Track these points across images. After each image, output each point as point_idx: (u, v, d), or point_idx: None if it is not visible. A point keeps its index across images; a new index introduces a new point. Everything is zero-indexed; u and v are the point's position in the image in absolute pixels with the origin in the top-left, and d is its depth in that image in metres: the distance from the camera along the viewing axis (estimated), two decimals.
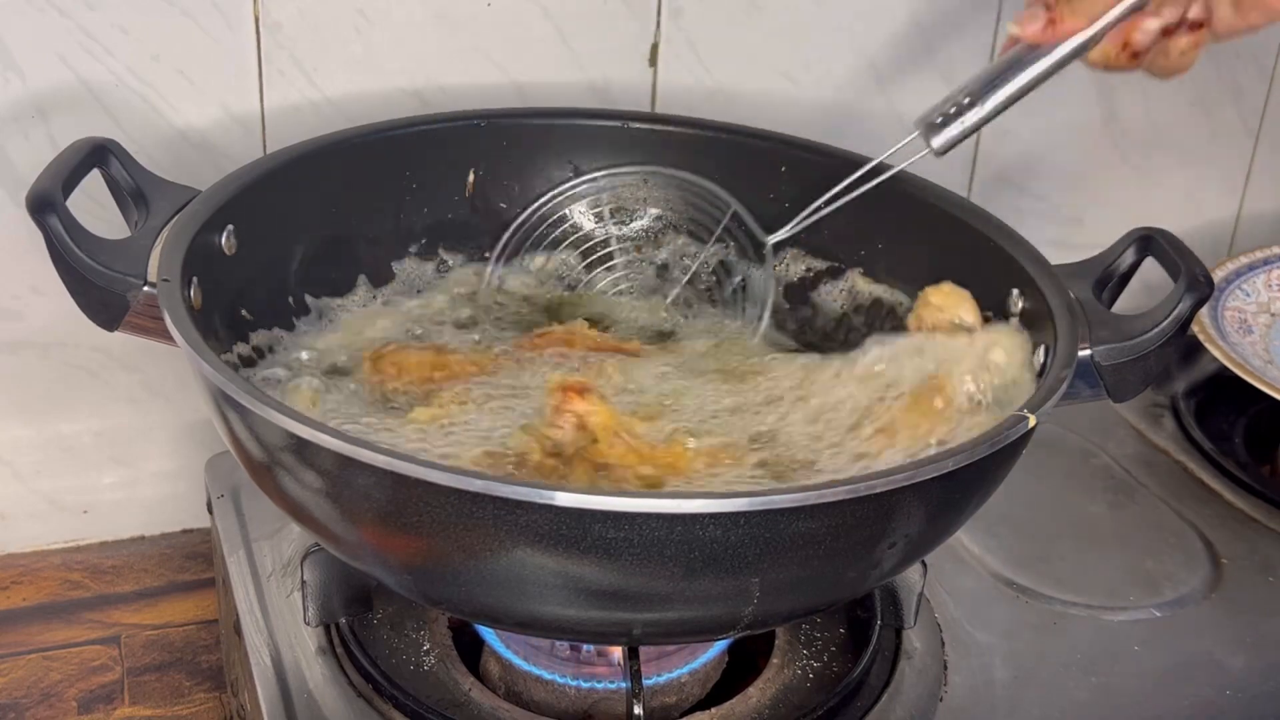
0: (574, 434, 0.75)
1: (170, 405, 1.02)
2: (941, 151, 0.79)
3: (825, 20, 1.06)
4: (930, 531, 0.70)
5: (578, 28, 1.01)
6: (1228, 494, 1.01)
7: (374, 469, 0.61)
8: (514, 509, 0.60)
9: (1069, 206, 1.21)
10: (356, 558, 0.70)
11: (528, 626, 0.71)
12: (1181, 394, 1.11)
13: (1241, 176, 1.28)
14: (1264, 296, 1.15)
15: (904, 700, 0.80)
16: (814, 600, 0.70)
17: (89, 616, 0.98)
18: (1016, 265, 0.81)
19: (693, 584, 0.63)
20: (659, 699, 0.79)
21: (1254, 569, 0.94)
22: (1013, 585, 0.90)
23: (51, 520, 1.03)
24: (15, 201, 0.91)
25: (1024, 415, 0.67)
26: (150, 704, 0.93)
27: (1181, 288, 0.75)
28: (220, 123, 0.95)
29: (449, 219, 0.94)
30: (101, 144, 0.78)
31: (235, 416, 0.67)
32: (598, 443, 0.75)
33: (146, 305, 0.72)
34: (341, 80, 0.97)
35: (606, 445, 0.75)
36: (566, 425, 0.75)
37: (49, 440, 1.00)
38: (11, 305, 0.96)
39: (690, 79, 1.05)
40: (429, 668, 0.79)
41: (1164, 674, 0.84)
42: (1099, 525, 0.97)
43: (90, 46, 0.90)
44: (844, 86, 1.09)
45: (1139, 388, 0.76)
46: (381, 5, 0.96)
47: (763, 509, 0.61)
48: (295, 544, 0.88)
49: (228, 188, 0.80)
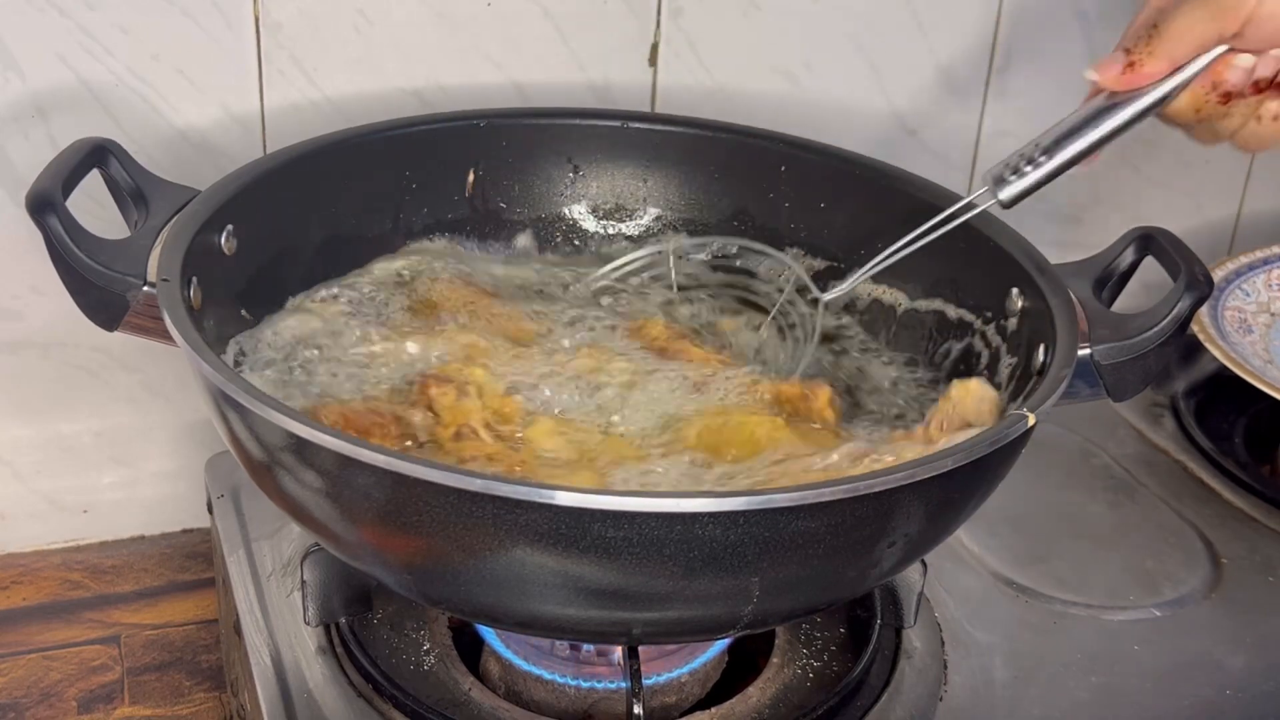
0: (422, 415, 0.76)
1: (170, 405, 1.02)
2: (1009, 204, 0.77)
3: (825, 20, 1.06)
4: (930, 531, 0.70)
5: (578, 28, 1.01)
6: (1228, 494, 1.01)
7: (374, 468, 0.61)
8: (514, 508, 0.60)
9: (1069, 206, 1.21)
10: (356, 557, 0.70)
11: (527, 626, 0.71)
12: (1181, 394, 1.11)
13: (1241, 176, 1.28)
14: (1264, 296, 1.15)
15: (904, 700, 0.80)
16: (814, 599, 0.70)
17: (89, 616, 0.98)
18: (1016, 264, 0.81)
19: (692, 583, 0.63)
20: (659, 699, 0.79)
21: (1254, 569, 0.94)
22: (1013, 585, 0.90)
23: (51, 520, 1.03)
24: (15, 201, 0.91)
25: (1024, 414, 0.67)
26: (150, 704, 0.93)
27: (1181, 287, 0.75)
28: (220, 123, 0.95)
29: (449, 219, 0.94)
30: (101, 144, 0.78)
31: (235, 416, 0.67)
32: (447, 428, 0.76)
33: (146, 305, 0.72)
34: (341, 80, 0.97)
35: (453, 433, 0.76)
36: (418, 407, 0.77)
37: (49, 440, 1.00)
38: (11, 305, 0.96)
39: (690, 79, 1.05)
40: (429, 667, 0.79)
41: (1164, 674, 0.84)
42: (1099, 525, 0.97)
43: (90, 46, 0.90)
44: (844, 86, 1.09)
45: (1138, 387, 0.76)
46: (381, 5, 0.96)
47: (762, 508, 0.61)
48: (295, 544, 0.88)
49: (228, 188, 0.80)
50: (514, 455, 0.75)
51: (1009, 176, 0.77)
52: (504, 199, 0.95)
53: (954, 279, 0.86)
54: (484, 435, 0.75)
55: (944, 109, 1.12)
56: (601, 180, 0.96)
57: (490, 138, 0.93)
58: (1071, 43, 1.13)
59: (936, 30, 1.09)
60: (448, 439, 0.76)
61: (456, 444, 0.75)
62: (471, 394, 0.78)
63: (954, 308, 0.86)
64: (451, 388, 0.78)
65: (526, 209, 0.96)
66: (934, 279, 0.88)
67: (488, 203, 0.95)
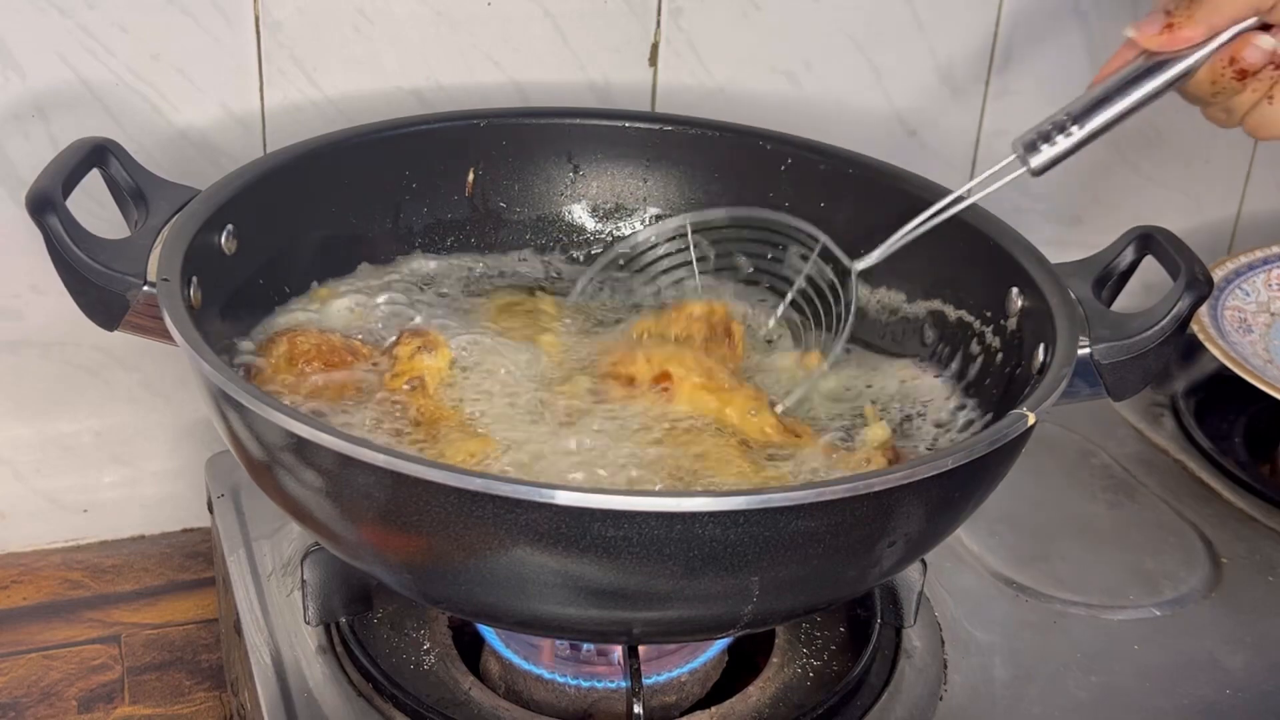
0: (388, 360, 0.80)
1: (170, 405, 1.02)
2: (1039, 172, 0.78)
3: (825, 20, 1.06)
4: (930, 530, 0.70)
5: (578, 27, 1.01)
6: (1227, 493, 1.01)
7: (374, 468, 0.61)
8: (513, 508, 0.60)
9: (1069, 206, 1.21)
10: (356, 557, 0.71)
11: (527, 625, 0.71)
12: (1181, 393, 1.11)
13: (1241, 176, 1.28)
14: (1264, 296, 1.15)
15: (904, 699, 0.80)
16: (814, 599, 0.70)
17: (89, 615, 0.98)
18: (1016, 264, 0.81)
19: (692, 582, 0.63)
20: (659, 698, 0.79)
21: (1254, 568, 0.94)
22: (1012, 584, 0.90)
23: (51, 519, 1.03)
24: (15, 201, 0.91)
25: (1023, 414, 0.67)
26: (150, 703, 0.93)
27: (1181, 286, 0.75)
28: (220, 122, 0.95)
29: (449, 218, 0.94)
30: (101, 144, 0.78)
31: (235, 416, 0.67)
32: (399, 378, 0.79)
33: (146, 305, 0.72)
34: (341, 80, 0.97)
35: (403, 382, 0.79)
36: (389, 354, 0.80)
37: (49, 439, 1.00)
38: (11, 304, 0.96)
39: (690, 79, 1.05)
40: (429, 667, 0.79)
41: (1164, 673, 0.84)
42: (1099, 524, 0.97)
43: (90, 46, 0.91)
44: (844, 86, 1.09)
45: (1138, 386, 0.76)
46: (381, 4, 0.96)
47: (762, 507, 0.61)
48: (295, 543, 0.88)
49: (227, 187, 0.80)
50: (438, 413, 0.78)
51: (1040, 145, 0.77)
52: (504, 199, 0.95)
53: (954, 279, 0.86)
54: (432, 391, 0.79)
55: (944, 109, 1.12)
56: (601, 180, 0.96)
57: (490, 138, 0.93)
58: (1071, 43, 1.13)
59: (936, 30, 1.09)
60: (396, 389, 0.79)
61: (393, 392, 0.79)
62: (437, 354, 0.81)
63: (953, 308, 0.86)
64: (419, 340, 0.81)
65: (526, 209, 0.96)
66: (933, 279, 0.88)
67: (488, 203, 0.95)
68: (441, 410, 0.78)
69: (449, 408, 0.78)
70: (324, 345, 0.80)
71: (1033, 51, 1.12)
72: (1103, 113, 0.76)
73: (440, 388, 0.79)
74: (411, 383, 0.79)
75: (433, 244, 0.93)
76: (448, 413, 0.78)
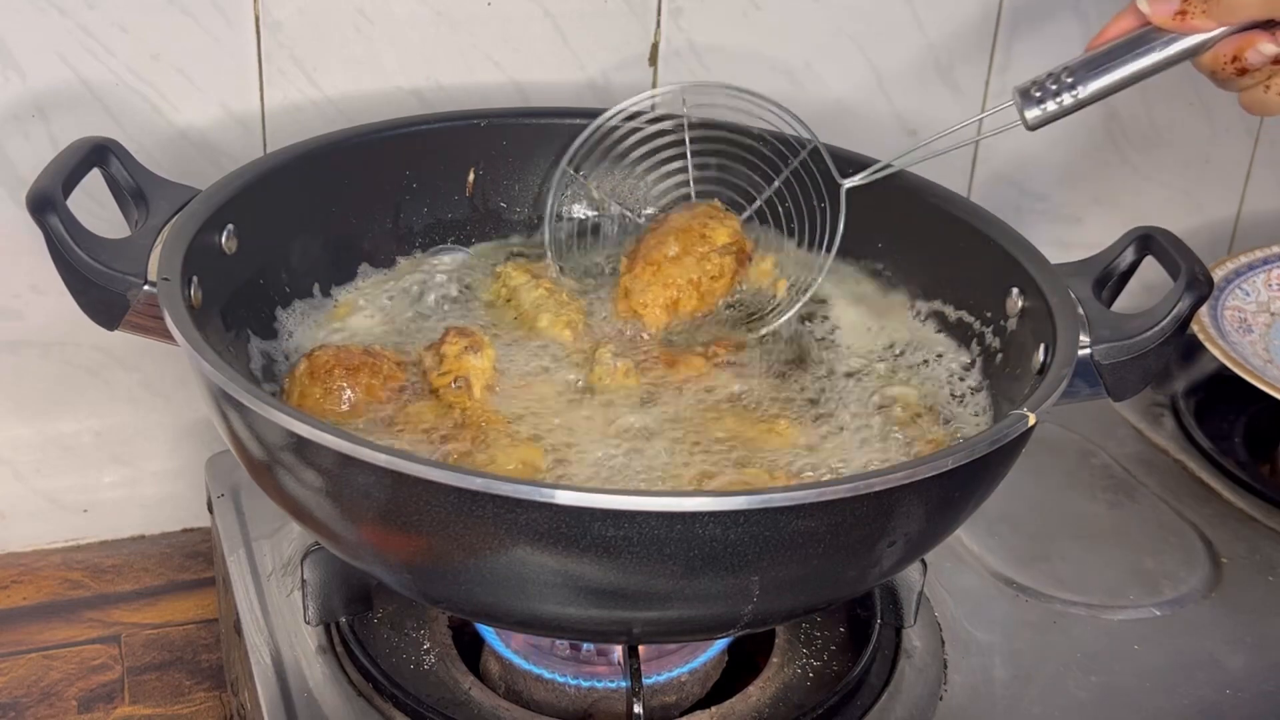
0: (432, 358, 0.80)
1: (170, 405, 1.02)
2: (1034, 126, 0.77)
3: (825, 20, 1.06)
4: (930, 530, 0.70)
5: (578, 27, 1.01)
6: (1227, 493, 1.01)
7: (374, 468, 0.61)
8: (514, 507, 0.60)
9: (1069, 206, 1.21)
10: (356, 557, 0.71)
11: (528, 625, 0.71)
12: (1181, 393, 1.11)
13: (1241, 176, 1.28)
14: (1264, 296, 1.15)
15: (904, 699, 0.80)
16: (814, 599, 0.70)
17: (89, 615, 0.98)
18: (1016, 264, 0.81)
19: (692, 582, 0.63)
20: (659, 698, 0.79)
21: (1254, 568, 0.94)
22: (1012, 584, 0.90)
23: (52, 519, 1.03)
24: (15, 201, 0.91)
25: (1024, 414, 0.67)
26: (150, 703, 0.93)
27: (1181, 286, 0.75)
28: (220, 122, 0.95)
29: (449, 218, 0.94)
30: (102, 143, 0.78)
31: (235, 415, 0.67)
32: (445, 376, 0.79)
33: (146, 304, 0.72)
34: (341, 80, 0.97)
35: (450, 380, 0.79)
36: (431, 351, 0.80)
37: (49, 439, 1.00)
38: (11, 304, 0.96)
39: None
40: (429, 667, 0.79)
41: (1164, 673, 0.84)
42: (1099, 524, 0.97)
43: (90, 45, 0.91)
44: (844, 86, 1.09)
45: (1138, 386, 0.76)
46: (381, 4, 0.96)
47: (762, 507, 0.61)
48: (295, 543, 0.88)
49: (228, 187, 0.80)
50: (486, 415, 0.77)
51: (1038, 96, 0.77)
52: (504, 199, 0.95)
53: (954, 279, 0.86)
54: (478, 393, 0.78)
55: (944, 109, 1.12)
56: (601, 180, 0.96)
57: (490, 138, 0.93)
58: (1071, 43, 1.13)
59: (936, 30, 1.09)
60: (443, 386, 0.78)
61: (441, 393, 0.78)
62: (482, 354, 0.80)
63: (953, 308, 0.86)
64: (465, 340, 0.80)
65: (526, 209, 0.96)
66: (933, 279, 0.88)
67: (488, 202, 0.95)
68: (488, 413, 0.77)
69: (494, 411, 0.78)
70: (342, 354, 0.79)
71: (1033, 52, 1.12)
72: (1103, 77, 0.76)
73: (484, 390, 0.79)
74: (458, 382, 0.78)
75: (433, 244, 0.93)
76: (494, 417, 0.77)
